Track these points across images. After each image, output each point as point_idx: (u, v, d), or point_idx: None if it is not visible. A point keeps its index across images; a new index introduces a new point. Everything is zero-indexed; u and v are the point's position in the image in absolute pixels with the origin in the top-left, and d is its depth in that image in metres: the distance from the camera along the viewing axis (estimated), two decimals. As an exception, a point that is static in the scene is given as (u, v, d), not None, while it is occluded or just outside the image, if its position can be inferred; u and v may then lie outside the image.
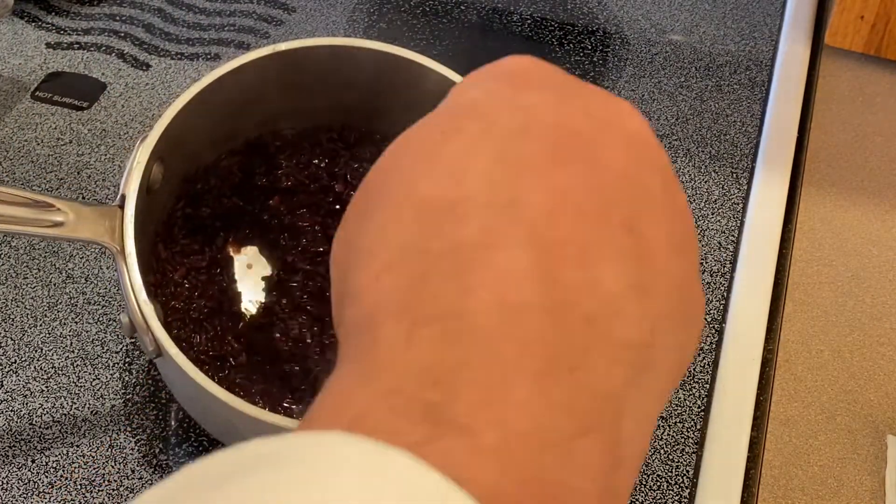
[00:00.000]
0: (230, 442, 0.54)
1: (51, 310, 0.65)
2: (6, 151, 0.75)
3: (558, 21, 0.90)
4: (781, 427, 0.62)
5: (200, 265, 0.60)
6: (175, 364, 0.48)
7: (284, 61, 0.58)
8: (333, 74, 0.60)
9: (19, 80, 0.80)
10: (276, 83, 0.60)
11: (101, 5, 0.88)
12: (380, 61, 0.60)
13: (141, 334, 0.49)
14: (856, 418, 0.62)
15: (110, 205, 0.52)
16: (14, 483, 0.57)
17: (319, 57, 0.59)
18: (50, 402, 0.60)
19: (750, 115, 0.82)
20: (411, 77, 0.59)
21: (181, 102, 0.55)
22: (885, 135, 0.80)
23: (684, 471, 0.59)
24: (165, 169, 0.55)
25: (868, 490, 0.59)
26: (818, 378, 0.65)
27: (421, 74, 0.59)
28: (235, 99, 0.58)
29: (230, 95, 0.58)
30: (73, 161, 0.74)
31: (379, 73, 0.61)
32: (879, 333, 0.67)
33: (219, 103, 0.57)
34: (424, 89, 0.59)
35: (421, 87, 0.59)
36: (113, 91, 0.80)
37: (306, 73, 0.60)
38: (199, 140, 0.59)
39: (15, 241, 0.68)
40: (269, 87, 0.60)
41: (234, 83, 0.57)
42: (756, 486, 0.59)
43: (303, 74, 0.60)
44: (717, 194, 0.75)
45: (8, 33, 0.84)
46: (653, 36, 0.89)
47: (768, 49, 0.88)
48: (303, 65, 0.59)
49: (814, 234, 0.73)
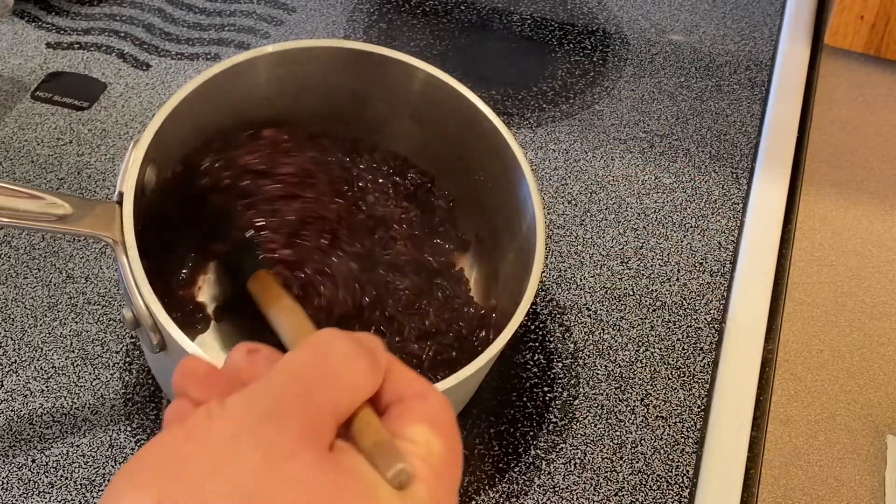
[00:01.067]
0: None
1: (51, 310, 0.65)
2: (6, 151, 0.75)
3: (558, 21, 0.90)
4: (781, 427, 0.62)
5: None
6: (183, 353, 0.48)
7: (275, 62, 0.59)
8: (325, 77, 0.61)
9: (19, 80, 0.80)
10: (267, 85, 0.60)
11: (101, 5, 0.88)
12: (369, 63, 0.60)
13: (145, 328, 0.50)
14: (856, 418, 0.63)
15: (109, 201, 0.52)
16: (14, 483, 0.57)
17: (313, 58, 0.60)
18: (50, 401, 0.60)
19: (750, 115, 0.82)
20: (401, 79, 0.60)
21: (171, 105, 0.55)
22: (885, 135, 0.80)
23: (684, 471, 0.59)
24: (159, 170, 0.55)
25: (868, 490, 0.59)
26: (818, 378, 0.65)
27: (409, 74, 0.60)
28: (226, 101, 0.58)
29: (220, 98, 0.58)
30: (73, 161, 0.74)
31: (369, 74, 0.61)
32: (879, 333, 0.67)
33: (210, 105, 0.58)
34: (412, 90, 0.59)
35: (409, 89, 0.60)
36: (113, 91, 0.80)
37: (299, 75, 0.60)
38: (192, 143, 0.59)
39: (15, 241, 0.68)
40: (261, 89, 0.60)
41: (224, 85, 0.57)
42: (756, 486, 0.59)
43: (295, 76, 0.60)
44: (717, 194, 0.75)
45: (8, 33, 0.84)
46: (653, 36, 0.89)
47: (768, 49, 0.88)
48: (297, 67, 0.60)
49: (814, 234, 0.73)
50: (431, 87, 0.61)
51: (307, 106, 0.62)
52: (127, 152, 0.53)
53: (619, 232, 0.72)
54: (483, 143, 0.60)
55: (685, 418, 0.62)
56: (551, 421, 0.61)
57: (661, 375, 0.64)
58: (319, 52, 0.60)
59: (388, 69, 0.61)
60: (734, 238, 0.72)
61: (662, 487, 0.58)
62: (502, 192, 0.60)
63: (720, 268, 0.70)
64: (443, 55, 0.86)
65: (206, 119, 0.58)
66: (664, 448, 0.60)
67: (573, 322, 0.66)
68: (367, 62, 0.60)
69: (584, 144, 0.78)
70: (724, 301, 0.68)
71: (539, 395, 0.62)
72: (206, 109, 0.57)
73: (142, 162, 0.52)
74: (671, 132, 0.80)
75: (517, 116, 0.80)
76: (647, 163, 0.77)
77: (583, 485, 0.58)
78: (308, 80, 0.61)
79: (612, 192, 0.75)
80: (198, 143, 0.59)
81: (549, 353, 0.64)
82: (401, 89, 0.61)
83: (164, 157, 0.56)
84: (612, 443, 0.60)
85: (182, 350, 0.48)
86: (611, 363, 0.64)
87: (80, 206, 0.51)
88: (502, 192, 0.60)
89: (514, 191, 0.59)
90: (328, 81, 0.61)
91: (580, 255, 0.70)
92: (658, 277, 0.69)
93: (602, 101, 0.82)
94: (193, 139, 0.59)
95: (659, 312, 0.67)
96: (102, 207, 0.52)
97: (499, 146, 0.59)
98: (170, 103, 0.55)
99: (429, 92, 0.61)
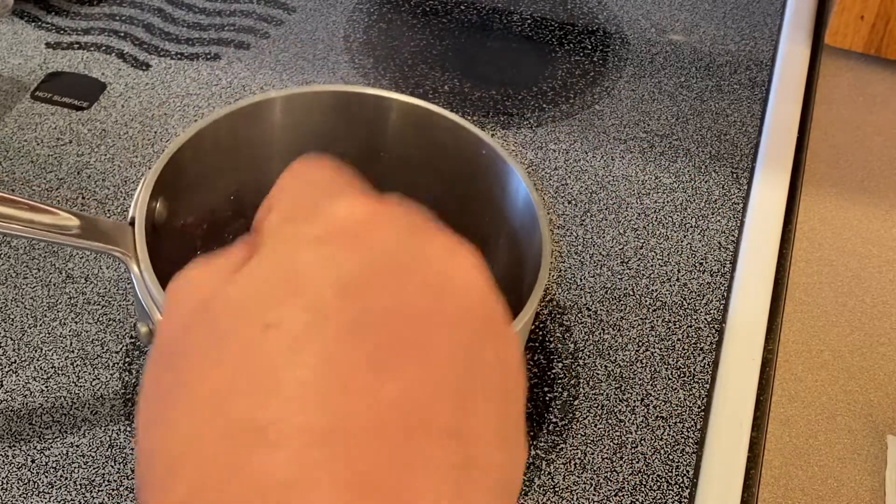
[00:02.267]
0: None
1: (51, 310, 0.65)
2: (6, 151, 0.75)
3: (558, 21, 0.90)
4: (781, 427, 0.62)
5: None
6: None
7: (285, 106, 0.60)
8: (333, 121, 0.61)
9: (19, 80, 0.80)
10: (277, 127, 0.61)
11: (101, 5, 0.88)
12: (382, 108, 0.61)
13: None
14: (856, 418, 0.63)
15: (121, 221, 0.53)
16: (14, 483, 0.57)
17: (322, 102, 0.60)
18: (49, 401, 0.60)
19: (750, 115, 0.82)
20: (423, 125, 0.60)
21: (181, 140, 0.56)
22: (885, 135, 0.80)
23: (684, 471, 0.59)
24: (169, 205, 0.56)
25: (868, 490, 0.59)
26: (818, 378, 0.65)
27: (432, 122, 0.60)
28: (234, 141, 0.60)
29: (229, 138, 0.59)
30: (73, 161, 0.74)
31: (380, 119, 0.61)
32: (879, 333, 0.67)
33: (219, 144, 0.59)
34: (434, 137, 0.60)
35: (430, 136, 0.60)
36: (113, 91, 0.80)
37: (308, 118, 0.61)
38: (200, 181, 0.60)
39: (15, 241, 0.68)
40: (270, 132, 0.61)
41: (233, 125, 0.59)
42: (756, 486, 0.59)
43: (303, 120, 0.61)
44: (717, 194, 0.75)
45: (8, 33, 0.84)
46: (653, 36, 0.89)
47: (768, 49, 0.88)
48: (303, 111, 0.60)
49: (814, 234, 0.73)
50: (405, 115, 0.62)
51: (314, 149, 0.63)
52: (138, 186, 0.54)
53: (619, 232, 0.72)
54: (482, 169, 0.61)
55: (685, 418, 0.62)
56: (551, 421, 0.61)
57: (661, 375, 0.64)
58: (334, 96, 0.61)
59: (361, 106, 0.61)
60: (734, 238, 0.72)
61: (662, 487, 0.58)
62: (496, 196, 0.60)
63: (720, 268, 0.70)
64: (443, 55, 0.86)
65: (213, 157, 0.59)
66: (664, 448, 0.60)
67: (573, 322, 0.66)
68: (389, 109, 0.61)
69: (584, 144, 0.78)
70: (724, 301, 0.68)
71: (539, 395, 0.62)
72: (210, 149, 0.59)
73: (149, 199, 0.53)
74: (671, 132, 0.80)
75: (517, 116, 0.80)
76: (647, 163, 0.77)
77: (583, 485, 0.58)
78: (314, 125, 0.62)
79: (612, 192, 0.75)
80: (207, 183, 0.60)
81: (549, 353, 0.64)
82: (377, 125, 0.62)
83: (173, 192, 0.57)
84: (612, 443, 0.60)
85: None
86: (611, 363, 0.64)
87: (91, 223, 0.52)
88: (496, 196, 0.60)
89: (507, 188, 0.59)
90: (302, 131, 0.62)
91: (580, 255, 0.70)
92: (658, 277, 0.69)
93: (602, 101, 0.82)
94: (201, 178, 0.60)
95: (659, 312, 0.67)
96: (114, 225, 0.52)
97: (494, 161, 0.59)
98: (180, 139, 0.56)
99: (404, 121, 0.62)
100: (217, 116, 0.58)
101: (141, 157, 0.75)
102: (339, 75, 0.83)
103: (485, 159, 0.59)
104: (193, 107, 0.79)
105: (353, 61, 0.85)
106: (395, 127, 0.62)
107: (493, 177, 0.59)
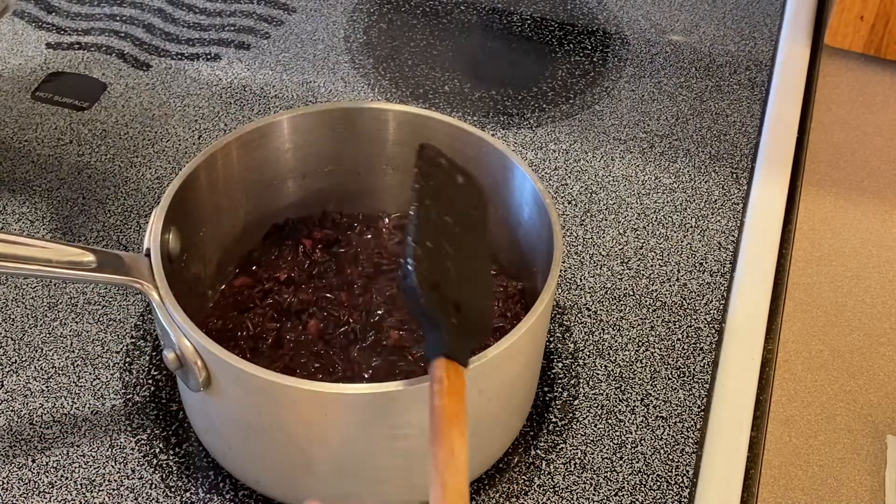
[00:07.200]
0: (267, 479, 0.55)
1: (51, 310, 0.65)
2: (6, 151, 0.75)
3: (558, 21, 0.90)
4: (781, 427, 0.62)
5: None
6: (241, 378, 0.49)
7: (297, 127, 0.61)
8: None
9: (19, 80, 0.81)
10: (283, 149, 0.62)
11: (101, 5, 0.88)
12: (381, 120, 0.62)
13: (191, 366, 0.50)
14: (856, 418, 0.63)
15: (138, 254, 0.53)
16: (14, 483, 0.57)
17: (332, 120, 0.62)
18: (50, 402, 0.60)
19: (750, 115, 0.82)
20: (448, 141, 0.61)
21: (188, 170, 0.57)
22: (885, 135, 0.80)
23: (684, 471, 0.59)
24: (182, 237, 0.57)
25: (868, 490, 0.59)
26: (818, 378, 0.65)
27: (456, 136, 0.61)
28: (243, 169, 0.61)
29: (238, 167, 0.60)
30: (74, 161, 0.74)
31: (381, 131, 0.62)
32: (879, 333, 0.67)
33: (227, 173, 0.60)
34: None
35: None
36: (113, 91, 0.80)
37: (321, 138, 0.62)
38: (210, 209, 0.61)
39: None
40: (276, 154, 0.62)
41: (239, 152, 0.60)
42: (756, 486, 0.59)
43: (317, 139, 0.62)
44: (717, 194, 0.75)
45: (8, 33, 0.84)
46: (653, 36, 0.89)
47: (768, 49, 0.88)
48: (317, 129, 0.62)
49: (814, 234, 0.73)
50: (407, 125, 0.62)
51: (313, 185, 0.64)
52: (151, 218, 0.55)
53: (619, 232, 0.72)
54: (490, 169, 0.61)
55: (685, 418, 0.62)
56: (551, 421, 0.61)
57: (661, 375, 0.64)
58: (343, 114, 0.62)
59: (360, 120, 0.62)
60: (734, 238, 0.72)
61: (662, 487, 0.58)
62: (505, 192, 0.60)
63: (720, 268, 0.70)
64: (443, 55, 0.86)
65: (222, 186, 0.60)
66: (664, 448, 0.60)
67: (573, 322, 0.66)
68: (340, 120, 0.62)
69: (584, 144, 0.78)
70: (724, 301, 0.68)
71: (539, 395, 0.62)
72: (219, 178, 0.60)
73: (163, 226, 0.54)
74: (671, 132, 0.80)
75: (517, 116, 0.80)
76: (647, 163, 0.77)
77: (583, 485, 0.58)
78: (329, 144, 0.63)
79: (612, 192, 0.75)
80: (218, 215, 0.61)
81: (549, 353, 0.64)
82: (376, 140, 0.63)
83: (186, 222, 0.57)
84: (612, 443, 0.60)
85: (242, 374, 0.49)
86: (611, 363, 0.64)
87: (106, 257, 0.53)
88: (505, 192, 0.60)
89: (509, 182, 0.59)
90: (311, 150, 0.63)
91: (580, 255, 0.70)
92: (658, 277, 0.69)
93: (602, 101, 0.82)
94: (212, 210, 0.61)
95: (659, 312, 0.67)
96: (130, 257, 0.53)
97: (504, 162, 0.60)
98: (188, 168, 0.57)
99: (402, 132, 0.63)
100: (222, 144, 0.59)
101: (141, 157, 0.75)
102: (339, 75, 0.83)
103: (486, 157, 0.60)
104: (193, 107, 0.79)
105: (353, 61, 0.85)
106: (395, 137, 0.63)
107: (498, 172, 0.60)
